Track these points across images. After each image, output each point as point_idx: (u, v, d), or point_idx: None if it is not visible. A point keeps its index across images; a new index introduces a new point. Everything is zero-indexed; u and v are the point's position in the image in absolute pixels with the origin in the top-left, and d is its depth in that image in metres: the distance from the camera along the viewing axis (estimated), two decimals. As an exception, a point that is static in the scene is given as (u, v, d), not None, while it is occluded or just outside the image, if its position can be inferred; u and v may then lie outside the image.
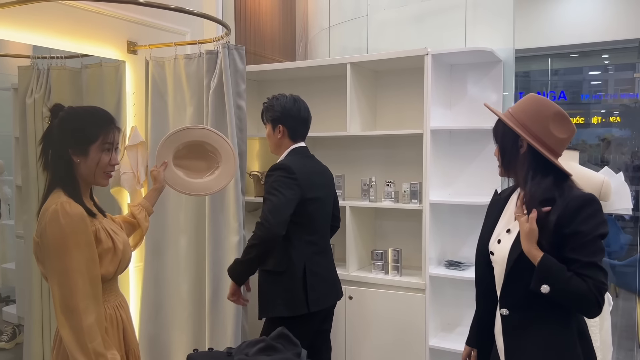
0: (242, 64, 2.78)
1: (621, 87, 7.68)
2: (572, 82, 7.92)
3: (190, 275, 2.94)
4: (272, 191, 2.29)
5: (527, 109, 1.61)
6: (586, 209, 1.48)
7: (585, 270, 1.46)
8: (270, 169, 2.38)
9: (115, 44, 2.98)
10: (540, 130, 1.56)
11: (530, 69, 7.62)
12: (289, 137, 2.47)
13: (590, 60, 7.38)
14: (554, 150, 1.58)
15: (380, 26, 3.56)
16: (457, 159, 3.04)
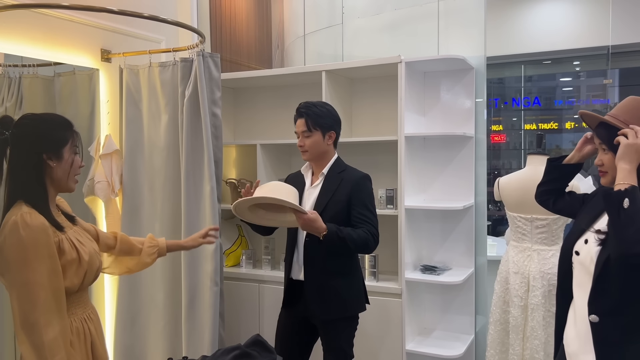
0: (217, 72, 2.78)
1: (593, 92, 7.87)
2: (545, 88, 8.08)
3: (166, 285, 2.92)
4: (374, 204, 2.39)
5: (633, 111, 1.59)
6: None
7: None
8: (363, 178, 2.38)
9: (88, 52, 2.96)
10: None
11: (504, 75, 7.76)
12: (334, 145, 2.44)
13: (562, 67, 7.54)
14: None
15: (355, 34, 3.60)
16: (431, 164, 3.08)
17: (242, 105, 3.58)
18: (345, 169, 2.41)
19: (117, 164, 2.98)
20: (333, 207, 2.32)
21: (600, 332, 1.53)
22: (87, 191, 2.93)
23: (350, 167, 2.43)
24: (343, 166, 2.42)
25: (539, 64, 7.52)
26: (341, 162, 2.45)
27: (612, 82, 6.66)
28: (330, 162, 2.41)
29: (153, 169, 2.95)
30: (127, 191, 2.96)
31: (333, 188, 2.35)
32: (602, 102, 7.98)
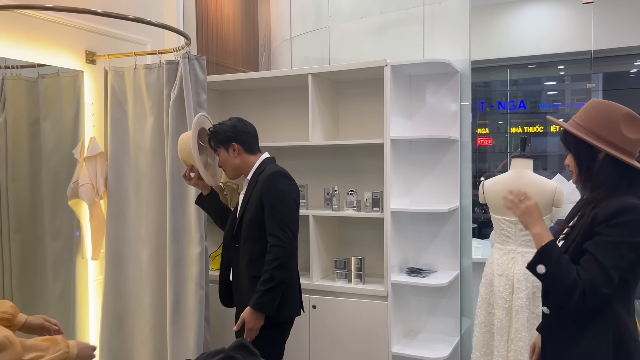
0: (203, 74, 2.77)
1: (577, 96, 7.96)
2: (531, 92, 8.16)
3: (152, 288, 2.90)
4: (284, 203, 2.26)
5: (595, 116, 1.58)
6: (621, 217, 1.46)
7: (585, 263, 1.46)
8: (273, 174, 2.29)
9: (73, 54, 2.93)
10: (613, 135, 1.55)
11: (490, 79, 7.82)
12: (246, 152, 2.40)
13: (547, 71, 7.62)
14: (629, 152, 1.56)
15: (341, 37, 3.61)
16: (417, 167, 3.10)
17: (228, 107, 3.57)
18: (264, 170, 2.34)
19: (102, 166, 2.96)
20: (249, 210, 2.32)
21: (550, 323, 1.62)
22: (71, 194, 2.90)
23: (270, 166, 2.35)
24: (263, 167, 2.37)
25: (524, 68, 7.60)
26: (266, 163, 2.38)
27: (595, 86, 6.74)
28: (252, 169, 2.38)
29: (138, 171, 2.93)
30: (112, 194, 2.94)
31: (249, 191, 2.34)
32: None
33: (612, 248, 1.45)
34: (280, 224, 2.21)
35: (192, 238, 2.74)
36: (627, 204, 1.48)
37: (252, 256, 2.31)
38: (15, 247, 2.76)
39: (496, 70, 7.51)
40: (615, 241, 1.45)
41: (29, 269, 2.83)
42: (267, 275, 2.19)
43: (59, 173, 2.91)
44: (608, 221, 1.47)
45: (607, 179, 1.56)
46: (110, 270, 2.93)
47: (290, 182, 2.33)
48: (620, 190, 1.53)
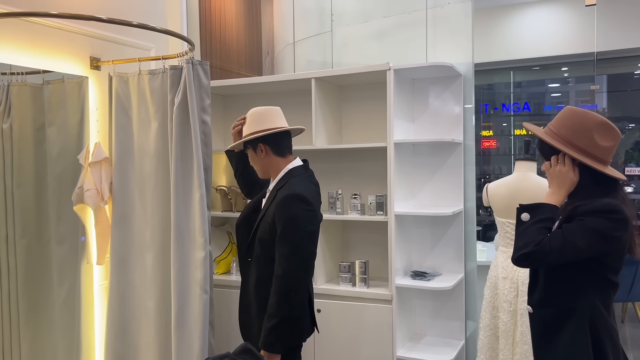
0: (207, 79, 2.78)
1: (582, 98, 7.95)
2: (535, 94, 8.16)
3: (157, 292, 2.90)
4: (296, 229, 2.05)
5: (569, 124, 1.62)
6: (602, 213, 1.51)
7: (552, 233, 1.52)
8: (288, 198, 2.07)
9: (78, 60, 2.95)
10: (586, 143, 1.58)
11: (494, 81, 7.82)
12: (275, 154, 2.22)
13: (551, 73, 7.62)
14: (602, 159, 1.59)
15: (344, 41, 3.62)
16: (420, 171, 3.10)
17: (232, 112, 3.58)
18: (285, 184, 2.14)
19: (107, 171, 2.97)
20: (262, 227, 2.17)
21: (534, 322, 1.66)
22: (76, 199, 2.92)
23: (290, 183, 2.14)
24: (287, 179, 2.17)
25: (528, 70, 7.60)
26: (291, 175, 2.19)
27: (599, 87, 6.73)
28: (280, 175, 2.21)
29: (143, 176, 2.94)
30: (117, 199, 2.95)
31: (267, 204, 2.18)
32: (591, 107, 8.06)
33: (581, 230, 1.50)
34: (287, 253, 2.02)
35: (196, 242, 2.74)
36: (613, 204, 1.52)
37: (261, 275, 2.16)
38: (21, 252, 2.78)
39: (500, 72, 7.51)
40: (588, 227, 1.50)
41: (34, 274, 2.84)
42: (270, 310, 2.03)
43: (64, 178, 2.93)
44: (591, 212, 1.51)
45: (583, 186, 1.60)
46: (115, 275, 2.94)
47: (307, 206, 2.07)
48: (597, 197, 1.56)
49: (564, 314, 1.58)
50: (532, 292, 1.68)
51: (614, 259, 1.57)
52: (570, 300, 1.57)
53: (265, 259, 2.14)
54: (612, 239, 1.51)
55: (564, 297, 1.58)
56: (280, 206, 2.06)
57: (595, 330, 1.55)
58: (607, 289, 1.59)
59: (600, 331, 1.55)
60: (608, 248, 1.53)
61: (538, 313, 1.65)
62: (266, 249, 2.13)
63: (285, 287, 2.01)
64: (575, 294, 1.58)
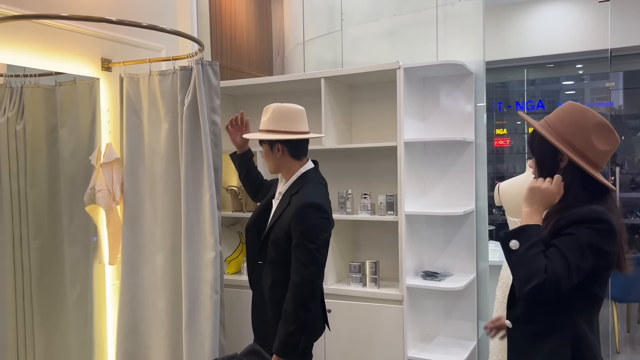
0: (216, 80, 2.79)
1: (597, 95, 7.85)
2: (549, 91, 8.07)
3: (167, 293, 2.91)
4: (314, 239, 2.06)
5: (567, 120, 1.50)
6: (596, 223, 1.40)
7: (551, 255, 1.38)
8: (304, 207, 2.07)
9: (89, 62, 2.97)
10: (582, 143, 1.46)
11: (507, 79, 7.74)
12: (290, 156, 2.20)
13: (565, 70, 7.53)
14: (596, 164, 1.47)
15: (354, 40, 3.61)
16: (431, 170, 3.08)
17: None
18: (298, 191, 2.14)
19: (118, 172, 2.99)
20: (276, 232, 2.15)
21: (512, 337, 1.57)
22: (88, 200, 2.94)
23: (305, 189, 2.14)
24: (301, 184, 2.16)
25: (542, 68, 7.52)
26: (305, 180, 2.18)
27: (614, 85, 6.63)
28: (293, 178, 2.19)
29: (154, 177, 2.95)
30: (128, 199, 2.97)
31: (281, 209, 2.16)
32: (607, 105, 7.95)
33: (578, 247, 1.38)
34: (305, 261, 2.03)
35: (206, 242, 2.75)
36: (601, 211, 1.41)
37: (276, 279, 2.16)
38: (35, 253, 2.81)
39: (513, 70, 7.44)
40: (582, 241, 1.38)
41: (48, 274, 2.87)
42: (288, 318, 2.03)
43: (76, 179, 2.95)
44: (579, 223, 1.40)
45: (570, 189, 1.48)
46: (127, 275, 2.96)
47: (323, 214, 2.09)
48: (583, 203, 1.45)
49: (545, 332, 1.48)
50: (512, 306, 1.57)
51: (603, 274, 1.46)
52: (553, 318, 1.46)
53: (280, 264, 2.14)
54: (605, 255, 1.40)
55: (547, 314, 1.47)
56: (297, 215, 2.06)
57: (576, 348, 1.44)
58: (592, 305, 1.49)
59: (582, 350, 1.45)
60: (600, 264, 1.41)
61: (518, 329, 1.55)
62: (280, 254, 2.13)
63: (302, 294, 2.03)
64: (558, 311, 1.46)
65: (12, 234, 2.72)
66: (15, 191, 2.74)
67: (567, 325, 1.46)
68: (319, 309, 2.24)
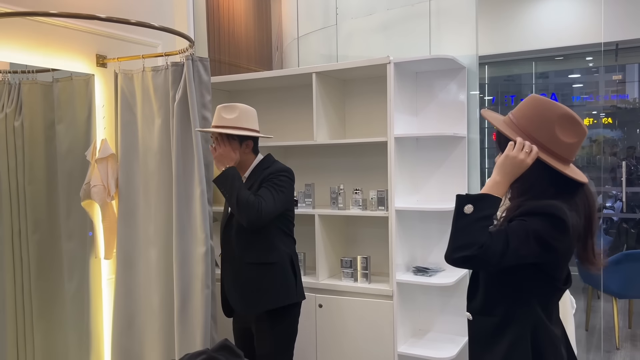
0: (207, 76, 2.80)
1: (611, 88, 7.71)
2: (560, 84, 7.95)
3: (161, 287, 2.94)
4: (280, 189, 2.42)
5: (529, 114, 1.45)
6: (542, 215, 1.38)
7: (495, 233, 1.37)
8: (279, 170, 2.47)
9: (84, 58, 3.00)
10: (546, 137, 1.42)
11: (514, 72, 7.64)
12: (252, 152, 2.55)
13: (574, 63, 7.41)
14: (563, 157, 1.43)
15: (349, 35, 3.59)
16: (424, 165, 3.06)
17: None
18: (270, 166, 2.49)
19: (113, 167, 3.02)
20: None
21: (473, 330, 1.55)
22: (83, 195, 2.97)
23: (277, 162, 2.53)
24: (268, 164, 2.51)
25: (551, 61, 7.40)
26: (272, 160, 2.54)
27: (621, 77, 6.52)
28: (250, 169, 2.52)
29: (147, 172, 2.98)
30: (123, 194, 3.00)
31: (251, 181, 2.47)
32: (622, 97, 7.81)
33: (525, 233, 1.36)
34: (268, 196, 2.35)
35: (197, 237, 2.77)
36: (555, 206, 1.38)
37: (247, 242, 2.44)
38: (33, 247, 2.85)
39: (521, 63, 7.34)
40: (531, 229, 1.36)
41: (46, 269, 2.91)
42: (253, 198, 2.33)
43: (73, 175, 2.99)
44: (533, 213, 1.38)
45: (535, 184, 1.44)
46: (122, 269, 2.99)
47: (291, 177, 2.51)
48: (547, 197, 1.42)
49: (504, 323, 1.46)
50: (472, 298, 1.56)
51: (553, 268, 1.44)
52: (512, 309, 1.45)
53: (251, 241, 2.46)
54: (550, 249, 1.38)
55: (505, 305, 1.46)
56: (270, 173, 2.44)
57: (537, 339, 1.44)
58: (549, 295, 1.48)
59: (542, 341, 1.44)
60: (546, 257, 1.39)
61: (478, 321, 1.53)
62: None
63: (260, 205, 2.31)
64: (516, 302, 1.45)
65: (11, 228, 2.76)
66: (14, 186, 2.78)
67: (526, 317, 1.44)
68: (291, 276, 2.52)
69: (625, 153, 7.60)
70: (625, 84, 7.79)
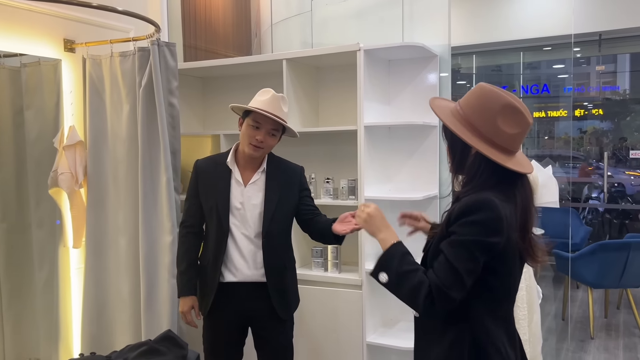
0: (174, 61, 2.75)
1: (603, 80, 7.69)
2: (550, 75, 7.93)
3: (131, 276, 2.91)
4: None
5: (474, 104, 1.41)
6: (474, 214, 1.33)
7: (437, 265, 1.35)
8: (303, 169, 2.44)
9: (51, 42, 2.94)
10: (488, 128, 1.38)
11: (501, 62, 7.61)
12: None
13: (562, 53, 7.38)
14: (506, 148, 1.39)
15: (324, 22, 3.54)
16: (396, 154, 3.03)
17: (210, 95, 3.55)
18: (281, 161, 2.38)
19: (81, 155, 2.97)
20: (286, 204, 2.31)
21: (417, 328, 1.54)
22: (51, 183, 2.93)
23: (285, 161, 2.41)
24: (277, 160, 2.37)
25: (539, 51, 7.36)
26: (273, 155, 2.39)
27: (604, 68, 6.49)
28: (266, 158, 2.33)
29: (116, 159, 2.94)
30: (92, 182, 2.95)
31: (278, 183, 2.29)
32: (612, 89, 7.79)
33: (464, 249, 1.32)
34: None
35: (164, 226, 2.74)
36: (482, 200, 1.34)
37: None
38: (2, 236, 2.81)
39: (508, 53, 7.30)
40: (467, 241, 1.32)
41: (15, 258, 2.87)
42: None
43: (42, 162, 2.94)
44: (460, 219, 1.34)
45: (477, 175, 1.41)
46: (91, 258, 2.96)
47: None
48: (486, 187, 1.38)
49: (446, 323, 1.43)
50: None
51: (495, 260, 1.38)
52: (454, 310, 1.39)
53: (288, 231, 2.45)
54: (491, 247, 1.33)
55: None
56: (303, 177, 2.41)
57: (477, 341, 1.39)
58: (493, 296, 1.42)
59: (483, 343, 1.40)
60: (490, 254, 1.35)
61: (422, 319, 1.51)
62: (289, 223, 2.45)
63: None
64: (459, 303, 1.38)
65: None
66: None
67: (468, 318, 1.41)
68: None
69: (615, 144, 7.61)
70: (616, 73, 7.77)
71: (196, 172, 2.35)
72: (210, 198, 2.27)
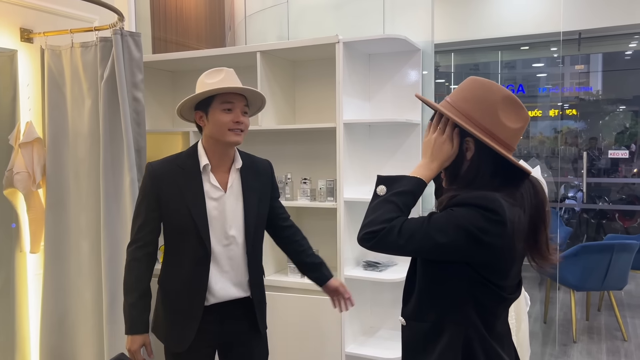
0: (139, 52, 2.56)
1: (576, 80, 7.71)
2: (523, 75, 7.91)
3: (94, 282, 2.73)
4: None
5: (469, 97, 1.29)
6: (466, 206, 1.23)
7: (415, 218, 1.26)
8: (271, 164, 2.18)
9: (6, 31, 2.73)
10: (489, 121, 1.26)
11: (480, 61, 7.54)
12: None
13: (540, 52, 7.36)
14: (508, 144, 1.27)
15: (301, 14, 3.37)
16: (377, 153, 2.89)
17: (181, 89, 3.36)
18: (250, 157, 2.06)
19: (39, 153, 2.77)
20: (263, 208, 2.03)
21: (406, 336, 1.42)
22: (5, 183, 2.73)
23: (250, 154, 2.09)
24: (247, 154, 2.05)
25: (517, 50, 7.32)
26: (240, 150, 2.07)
27: (584, 67, 6.48)
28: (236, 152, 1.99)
29: (77, 158, 2.74)
30: (51, 182, 2.75)
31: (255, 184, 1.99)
32: (585, 90, 7.81)
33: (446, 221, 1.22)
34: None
35: (127, 230, 2.54)
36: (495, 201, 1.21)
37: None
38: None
39: (486, 51, 7.24)
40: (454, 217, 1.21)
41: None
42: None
43: (-1, 160, 2.74)
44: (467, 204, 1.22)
45: (478, 176, 1.28)
46: (51, 264, 2.77)
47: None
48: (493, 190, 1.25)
49: (436, 331, 1.31)
50: (406, 302, 1.40)
51: (492, 272, 1.26)
52: (444, 317, 1.30)
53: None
54: (481, 244, 1.21)
55: (437, 312, 1.31)
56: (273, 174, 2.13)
57: (469, 349, 1.29)
58: (491, 305, 1.31)
59: (474, 352, 1.28)
60: (476, 254, 1.23)
61: (410, 327, 1.38)
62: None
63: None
64: (448, 310, 1.30)
65: None
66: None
67: (459, 325, 1.29)
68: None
69: (587, 144, 7.65)
70: (589, 74, 7.78)
71: (153, 179, 1.89)
72: (182, 212, 1.86)
